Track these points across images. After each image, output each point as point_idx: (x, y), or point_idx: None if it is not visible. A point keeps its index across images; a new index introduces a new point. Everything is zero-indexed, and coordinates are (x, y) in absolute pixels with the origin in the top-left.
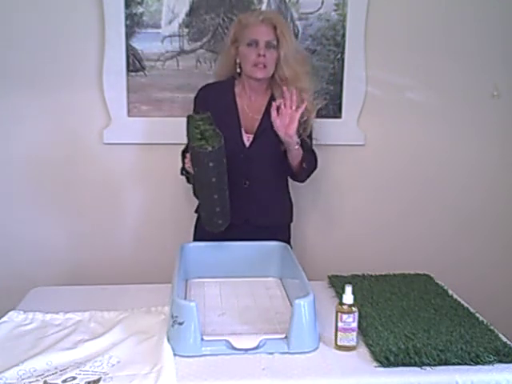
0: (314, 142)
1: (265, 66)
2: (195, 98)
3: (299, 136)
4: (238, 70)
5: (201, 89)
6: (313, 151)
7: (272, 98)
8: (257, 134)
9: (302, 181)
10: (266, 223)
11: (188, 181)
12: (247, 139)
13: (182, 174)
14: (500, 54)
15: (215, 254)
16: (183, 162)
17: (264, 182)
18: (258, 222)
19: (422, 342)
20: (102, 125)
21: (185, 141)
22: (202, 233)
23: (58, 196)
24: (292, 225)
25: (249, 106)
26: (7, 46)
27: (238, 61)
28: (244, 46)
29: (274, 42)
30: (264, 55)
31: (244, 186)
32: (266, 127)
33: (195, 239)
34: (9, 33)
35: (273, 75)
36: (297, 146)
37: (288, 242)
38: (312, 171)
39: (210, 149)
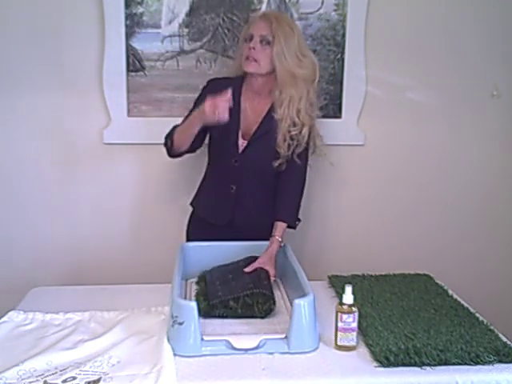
0: (312, 149)
1: (255, 60)
2: (204, 88)
3: (290, 150)
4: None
5: (211, 80)
6: (304, 173)
7: (273, 104)
8: (252, 140)
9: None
10: (250, 227)
11: (169, 154)
12: (241, 144)
13: (165, 143)
14: (500, 53)
15: (215, 253)
16: (169, 133)
17: (251, 189)
18: (241, 225)
19: (421, 342)
20: (101, 125)
21: None
22: (193, 226)
23: (58, 196)
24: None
25: (251, 108)
26: (7, 46)
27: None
28: (242, 43)
29: (269, 38)
30: (254, 48)
31: (231, 190)
32: (262, 133)
33: (188, 238)
34: (9, 33)
35: (276, 78)
36: (279, 241)
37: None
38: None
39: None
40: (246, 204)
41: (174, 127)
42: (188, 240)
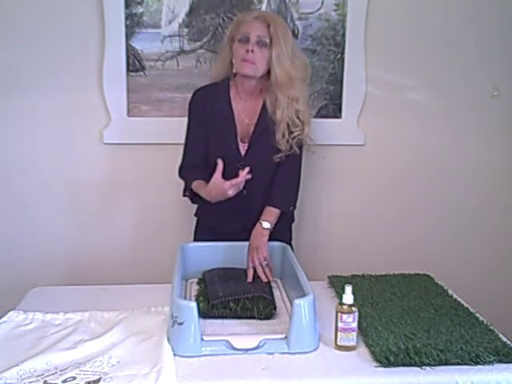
0: (310, 143)
1: (253, 63)
2: (190, 103)
3: (290, 149)
4: (234, 71)
5: (195, 93)
6: (299, 160)
7: (265, 103)
8: (252, 142)
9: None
10: None
11: (192, 201)
12: (242, 147)
13: (184, 195)
14: (500, 53)
15: (215, 253)
16: (186, 185)
17: (262, 189)
18: (253, 228)
19: (421, 342)
20: (101, 125)
21: (182, 140)
22: (202, 236)
23: (58, 196)
24: (293, 225)
25: (244, 110)
26: (7, 46)
27: (233, 61)
28: (236, 43)
29: (266, 40)
30: (252, 50)
31: (242, 194)
32: (260, 133)
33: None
34: (9, 33)
35: (268, 78)
36: (261, 224)
37: (289, 243)
38: (294, 199)
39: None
40: (257, 206)
41: (187, 179)
42: None
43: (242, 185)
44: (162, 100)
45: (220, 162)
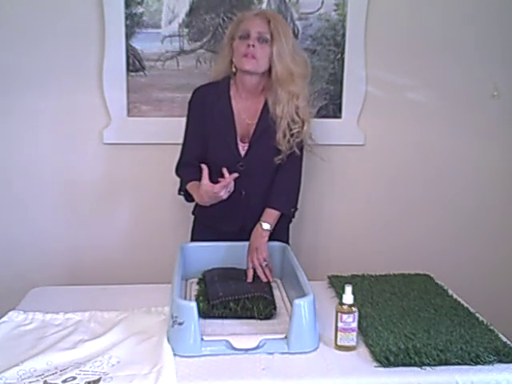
0: (310, 143)
1: (254, 58)
2: (190, 102)
3: (290, 149)
4: (234, 70)
5: (195, 92)
6: (300, 161)
7: (266, 103)
8: (252, 142)
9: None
10: None
11: (187, 199)
12: (242, 148)
13: (179, 193)
14: (500, 53)
15: (215, 254)
16: (181, 184)
17: (261, 190)
18: (252, 228)
19: (421, 342)
20: (102, 125)
21: (181, 140)
22: (199, 234)
23: (58, 196)
24: (291, 225)
25: (245, 110)
26: (7, 46)
27: (234, 59)
28: (237, 40)
29: (267, 36)
30: (253, 45)
31: (240, 195)
32: (260, 134)
33: (192, 241)
34: (9, 33)
35: (269, 76)
36: (261, 225)
37: (287, 243)
38: (295, 200)
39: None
40: (256, 207)
41: (183, 178)
42: None
43: (232, 185)
44: (162, 100)
45: (204, 167)
